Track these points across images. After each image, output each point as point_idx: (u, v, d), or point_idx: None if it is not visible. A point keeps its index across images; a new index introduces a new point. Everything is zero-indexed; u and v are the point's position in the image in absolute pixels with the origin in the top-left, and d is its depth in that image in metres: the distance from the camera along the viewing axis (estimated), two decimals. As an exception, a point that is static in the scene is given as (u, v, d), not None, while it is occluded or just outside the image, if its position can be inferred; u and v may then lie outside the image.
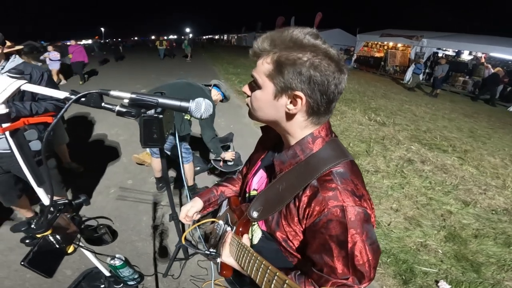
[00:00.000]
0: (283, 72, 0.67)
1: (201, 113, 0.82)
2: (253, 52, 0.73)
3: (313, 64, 0.65)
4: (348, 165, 0.75)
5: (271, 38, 0.69)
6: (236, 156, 3.67)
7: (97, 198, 3.24)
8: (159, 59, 19.27)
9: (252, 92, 0.77)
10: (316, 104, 0.70)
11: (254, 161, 1.06)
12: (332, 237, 0.69)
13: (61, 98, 0.73)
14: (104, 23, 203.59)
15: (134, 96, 0.76)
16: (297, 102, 0.70)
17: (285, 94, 0.70)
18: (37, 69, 1.99)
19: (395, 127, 6.54)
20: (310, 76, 0.66)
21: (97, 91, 0.73)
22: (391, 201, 3.50)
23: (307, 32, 0.68)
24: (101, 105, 0.74)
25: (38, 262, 0.70)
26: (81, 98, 0.71)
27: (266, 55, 0.70)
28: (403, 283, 2.34)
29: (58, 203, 0.85)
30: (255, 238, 0.95)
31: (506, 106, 11.14)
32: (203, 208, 1.21)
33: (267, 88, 0.72)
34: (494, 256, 2.71)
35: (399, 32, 17.52)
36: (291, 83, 0.67)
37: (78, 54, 9.66)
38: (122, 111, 0.74)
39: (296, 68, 0.66)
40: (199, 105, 0.81)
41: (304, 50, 0.66)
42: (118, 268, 1.92)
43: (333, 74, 0.67)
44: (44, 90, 0.75)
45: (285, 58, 0.66)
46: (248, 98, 0.80)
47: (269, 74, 0.70)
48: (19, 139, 0.79)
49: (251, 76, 0.76)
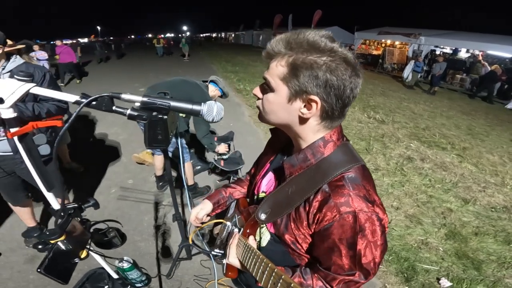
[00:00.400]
0: (298, 75, 0.66)
1: (213, 116, 0.82)
2: (267, 53, 0.72)
3: (330, 68, 0.64)
4: (359, 170, 0.74)
5: (286, 40, 0.68)
6: (237, 155, 3.66)
7: (98, 198, 3.14)
8: (157, 57, 19.32)
9: (264, 95, 0.76)
10: (331, 108, 0.70)
11: (263, 163, 1.06)
12: (341, 240, 0.70)
13: (71, 101, 0.72)
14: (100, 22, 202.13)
15: (146, 99, 0.75)
16: (311, 106, 0.69)
17: (299, 98, 0.69)
18: (38, 69, 1.96)
19: (394, 125, 6.56)
20: (326, 80, 0.65)
21: (109, 94, 0.72)
22: (391, 199, 3.51)
23: (323, 35, 0.67)
24: (112, 108, 0.73)
25: (54, 268, 0.70)
26: (92, 102, 0.70)
27: (280, 57, 0.69)
28: (405, 281, 2.36)
29: (68, 207, 0.84)
30: (263, 241, 0.95)
31: (504, 104, 11.17)
32: (212, 210, 1.21)
33: (281, 91, 0.70)
34: (495, 253, 2.73)
35: (397, 30, 17.52)
36: (306, 86, 0.66)
37: (66, 55, 9.28)
38: (134, 114, 0.74)
39: (312, 71, 0.65)
40: (211, 108, 0.80)
41: (321, 54, 0.65)
42: (126, 271, 1.91)
43: (350, 79, 0.66)
44: (54, 94, 0.74)
45: (302, 61, 0.65)
46: (259, 100, 0.78)
47: (283, 77, 0.68)
48: (28, 143, 0.78)
49: (263, 79, 0.75)
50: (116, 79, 11.16)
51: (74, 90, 8.83)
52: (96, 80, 10.94)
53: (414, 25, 18.71)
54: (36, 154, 0.80)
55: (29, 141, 0.78)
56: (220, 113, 0.83)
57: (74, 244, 0.79)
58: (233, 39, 56.68)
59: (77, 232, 0.83)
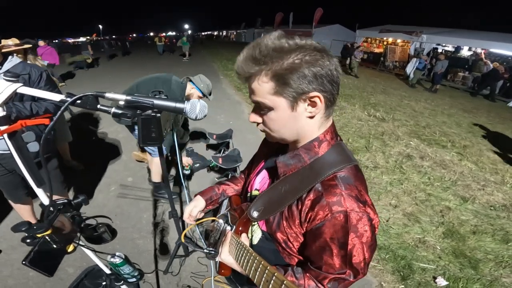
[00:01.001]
0: (288, 83, 0.65)
1: (196, 113, 0.83)
2: (242, 79, 0.71)
3: (309, 62, 0.64)
4: (352, 170, 0.75)
5: (252, 58, 0.67)
6: (235, 153, 3.68)
7: (98, 196, 3.26)
8: (159, 56, 19.36)
9: (264, 117, 0.75)
10: (331, 95, 0.70)
11: (257, 161, 1.06)
12: (333, 240, 0.71)
13: (57, 100, 0.73)
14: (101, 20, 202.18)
15: (130, 98, 0.76)
16: (315, 103, 0.69)
17: (300, 101, 0.69)
18: (35, 68, 1.98)
19: (395, 123, 6.54)
20: (314, 74, 0.65)
21: (93, 93, 0.73)
22: (390, 197, 3.52)
23: (278, 36, 0.67)
24: (96, 107, 0.75)
25: (39, 261, 0.72)
26: (77, 101, 0.72)
27: (257, 76, 0.68)
28: (401, 279, 2.36)
29: (58, 203, 0.86)
30: (255, 238, 0.95)
31: (506, 102, 11.11)
32: (205, 207, 1.20)
33: (280, 104, 0.70)
34: (492, 252, 2.72)
35: (399, 28, 17.46)
36: (301, 88, 0.66)
37: (48, 56, 8.90)
38: (118, 112, 0.75)
39: (298, 72, 0.64)
40: (194, 106, 0.82)
41: (292, 54, 0.64)
42: (118, 266, 1.93)
43: (329, 62, 0.67)
44: (40, 93, 0.75)
45: (281, 68, 0.65)
46: (260, 125, 0.78)
47: (275, 91, 0.68)
48: (18, 141, 0.79)
49: (255, 102, 0.73)
50: (118, 77, 11.18)
51: (81, 87, 8.88)
52: (102, 79, 10.97)
53: (416, 23, 18.59)
54: (25, 151, 0.81)
55: (18, 138, 0.80)
56: (203, 111, 0.84)
57: (60, 238, 0.81)
58: (234, 38, 56.67)
59: (64, 227, 0.85)
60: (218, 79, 10.67)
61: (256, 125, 0.79)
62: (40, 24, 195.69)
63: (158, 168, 3.02)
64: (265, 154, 1.02)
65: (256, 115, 0.77)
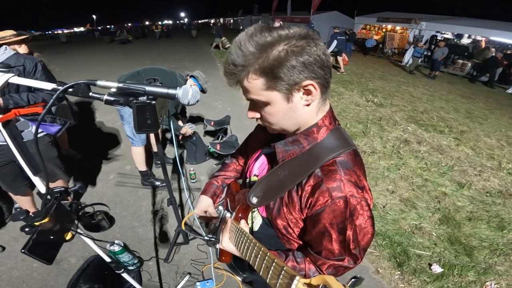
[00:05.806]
0: (279, 76, 0.64)
1: (188, 99, 0.83)
2: (233, 82, 0.70)
3: (295, 52, 0.63)
4: (351, 155, 0.75)
5: (235, 65, 0.66)
6: (233, 139, 3.71)
7: (97, 185, 3.26)
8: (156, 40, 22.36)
9: (261, 112, 0.75)
10: (324, 80, 0.69)
11: (255, 146, 1.06)
12: (332, 225, 0.71)
13: (48, 89, 0.73)
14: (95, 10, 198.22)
15: (121, 85, 0.76)
16: (310, 90, 0.68)
17: (294, 91, 0.68)
18: (29, 59, 1.98)
19: (392, 108, 6.55)
20: (303, 62, 0.63)
21: (84, 81, 0.73)
22: (387, 182, 3.54)
23: (258, 29, 0.65)
24: (88, 94, 0.74)
25: (38, 249, 0.72)
26: (69, 89, 0.71)
27: (246, 74, 0.66)
28: (397, 266, 2.40)
29: (55, 191, 0.87)
30: (256, 225, 0.96)
31: (505, 88, 11.08)
32: (214, 203, 1.20)
33: (275, 98, 0.69)
34: (487, 240, 2.74)
35: (397, 15, 17.20)
36: (293, 79, 0.65)
37: None
38: (110, 99, 0.75)
39: (286, 64, 0.63)
40: (186, 92, 0.82)
41: (276, 46, 0.63)
42: (117, 254, 1.96)
43: (316, 47, 0.65)
44: (32, 83, 0.75)
45: (269, 63, 0.63)
46: (259, 120, 0.78)
47: (267, 86, 0.67)
48: (12, 130, 0.79)
49: (250, 100, 0.73)
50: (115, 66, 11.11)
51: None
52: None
53: (416, 9, 18.32)
54: (20, 140, 0.82)
55: (13, 127, 0.80)
56: (195, 96, 0.84)
57: (58, 226, 0.82)
58: (231, 25, 55.84)
59: (62, 215, 0.85)
60: (216, 66, 10.59)
61: (255, 120, 0.79)
62: (27, 16, 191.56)
63: (139, 157, 3.04)
64: (264, 140, 1.02)
65: (253, 112, 0.76)
